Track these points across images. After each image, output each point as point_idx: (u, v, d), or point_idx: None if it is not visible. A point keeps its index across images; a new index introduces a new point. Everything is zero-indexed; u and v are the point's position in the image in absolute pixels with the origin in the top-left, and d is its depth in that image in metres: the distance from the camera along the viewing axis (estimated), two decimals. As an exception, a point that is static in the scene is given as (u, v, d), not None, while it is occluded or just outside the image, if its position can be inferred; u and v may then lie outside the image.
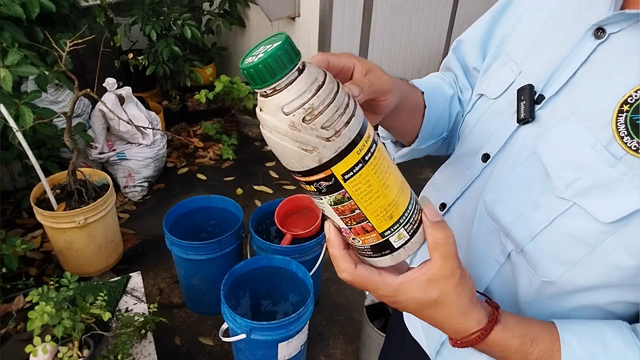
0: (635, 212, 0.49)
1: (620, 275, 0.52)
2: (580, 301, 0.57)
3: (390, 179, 0.47)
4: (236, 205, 2.01)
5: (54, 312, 1.11)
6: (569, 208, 0.53)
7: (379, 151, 0.46)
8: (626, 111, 0.50)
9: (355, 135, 0.44)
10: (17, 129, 1.72)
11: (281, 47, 0.41)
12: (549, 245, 0.55)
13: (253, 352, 1.56)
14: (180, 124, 3.39)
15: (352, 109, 0.44)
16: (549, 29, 0.62)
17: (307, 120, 0.42)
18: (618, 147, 0.50)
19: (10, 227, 2.38)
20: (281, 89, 0.42)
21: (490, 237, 0.63)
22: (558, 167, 0.54)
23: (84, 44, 1.74)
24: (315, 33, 3.00)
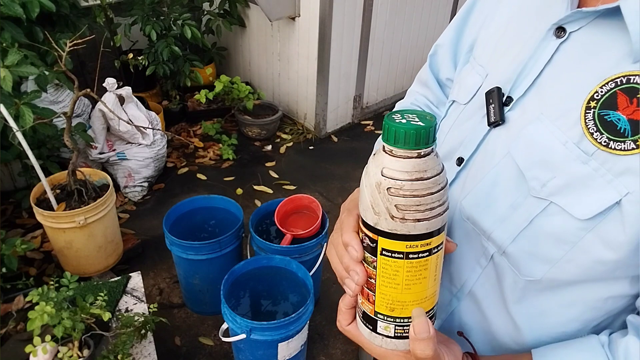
0: (610, 207, 0.49)
1: (603, 269, 0.53)
2: (569, 297, 0.57)
3: (417, 287, 0.50)
4: (236, 205, 2.01)
5: (54, 312, 1.11)
6: (546, 207, 0.54)
7: (426, 261, 0.48)
8: (593, 107, 0.50)
9: (416, 233, 0.47)
10: (17, 129, 1.72)
11: (433, 125, 0.44)
12: (529, 245, 0.56)
13: (253, 352, 1.56)
14: (180, 124, 3.39)
15: (433, 215, 0.46)
16: (511, 31, 0.63)
17: (390, 192, 0.45)
18: (589, 144, 0.51)
19: (10, 227, 2.38)
20: (398, 155, 0.46)
21: (471, 241, 0.63)
22: (532, 167, 0.55)
23: (84, 44, 1.74)
24: (315, 33, 3.00)
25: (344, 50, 3.16)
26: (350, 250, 0.53)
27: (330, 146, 3.38)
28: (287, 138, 3.40)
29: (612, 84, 0.49)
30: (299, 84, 3.35)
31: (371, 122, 3.65)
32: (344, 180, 2.99)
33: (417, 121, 0.45)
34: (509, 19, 0.65)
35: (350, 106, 3.52)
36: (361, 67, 3.37)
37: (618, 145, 0.49)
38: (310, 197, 1.98)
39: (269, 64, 3.51)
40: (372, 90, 3.63)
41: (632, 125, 0.48)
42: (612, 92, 0.49)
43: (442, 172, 0.47)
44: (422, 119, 0.46)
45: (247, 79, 3.70)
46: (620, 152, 0.49)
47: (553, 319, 0.60)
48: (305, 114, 3.44)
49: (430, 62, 0.85)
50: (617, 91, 0.49)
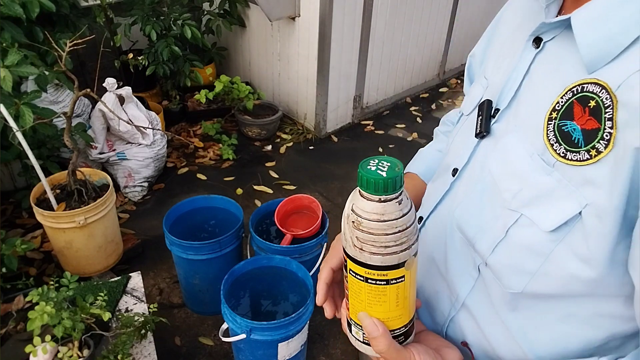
0: (572, 218, 0.49)
1: (581, 284, 0.52)
2: (560, 311, 0.56)
3: (378, 307, 0.56)
4: (236, 205, 2.01)
5: (54, 312, 1.11)
6: (518, 219, 0.54)
7: (384, 288, 0.54)
8: (554, 118, 0.51)
9: (372, 264, 0.53)
10: (17, 129, 1.72)
11: (395, 177, 0.50)
12: (506, 257, 0.57)
13: (253, 352, 1.56)
14: (180, 124, 3.39)
15: (388, 252, 0.52)
16: (509, 42, 0.65)
17: (354, 225, 0.52)
18: (550, 155, 0.51)
19: (10, 227, 2.38)
20: (364, 196, 0.52)
21: (463, 251, 0.64)
22: (505, 178, 0.56)
23: (84, 44, 1.74)
24: (315, 33, 3.00)
25: (344, 50, 3.16)
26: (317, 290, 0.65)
27: (330, 146, 3.38)
28: (287, 138, 3.40)
29: (570, 93, 0.50)
30: (299, 84, 3.35)
31: (371, 122, 3.65)
32: (344, 180, 2.99)
33: (384, 170, 0.51)
34: (510, 31, 0.66)
35: (350, 106, 3.52)
36: (361, 67, 3.37)
37: (574, 156, 0.49)
38: (310, 197, 1.98)
39: (269, 64, 3.51)
40: (372, 90, 3.63)
41: (585, 135, 0.48)
42: (569, 102, 0.50)
43: (401, 217, 0.51)
44: (390, 169, 0.51)
45: (247, 79, 3.70)
46: (576, 163, 0.49)
47: (549, 334, 0.59)
48: (305, 114, 3.44)
49: (467, 73, 0.87)
50: (574, 101, 0.49)
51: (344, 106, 3.46)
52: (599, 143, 0.47)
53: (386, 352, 0.56)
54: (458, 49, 4.28)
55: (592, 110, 0.47)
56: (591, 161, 0.47)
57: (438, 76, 4.27)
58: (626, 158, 0.45)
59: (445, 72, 4.31)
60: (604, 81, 0.47)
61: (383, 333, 0.55)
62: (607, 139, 0.46)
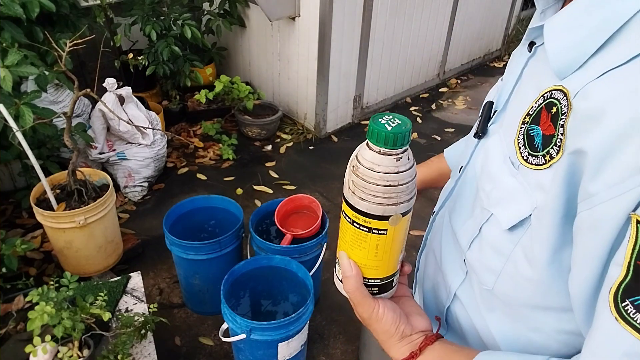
0: (524, 219, 0.52)
1: (532, 288, 0.54)
2: (532, 322, 0.58)
3: (358, 252, 0.60)
4: (236, 205, 2.01)
5: (54, 312, 1.11)
6: (489, 218, 0.57)
7: (366, 235, 0.58)
8: (526, 122, 0.53)
9: (358, 208, 0.56)
10: (17, 129, 1.72)
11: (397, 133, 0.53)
12: (478, 253, 0.60)
13: (253, 352, 1.56)
14: (180, 124, 3.39)
15: (374, 202, 0.55)
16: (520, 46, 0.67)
17: (352, 169, 0.56)
18: (516, 158, 0.54)
19: (10, 227, 2.38)
20: (367, 146, 0.55)
21: (455, 246, 0.67)
22: (482, 178, 0.59)
23: (84, 44, 1.74)
24: (315, 33, 3.00)
25: (344, 50, 3.16)
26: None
27: (330, 146, 3.38)
28: (287, 138, 3.40)
29: (542, 99, 0.51)
30: (299, 84, 3.35)
31: (371, 122, 3.65)
32: (344, 180, 2.98)
33: (392, 126, 0.53)
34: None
35: (350, 106, 3.52)
36: (361, 67, 3.37)
37: (533, 160, 0.51)
38: (310, 197, 1.98)
39: (269, 64, 3.51)
40: (372, 90, 3.63)
41: (543, 140, 0.49)
42: (540, 107, 0.51)
43: (396, 173, 0.54)
44: (397, 126, 0.53)
45: (247, 79, 3.70)
46: (534, 167, 0.51)
47: (522, 343, 0.60)
48: (305, 114, 3.44)
49: None
50: (543, 106, 0.51)
51: (344, 106, 3.46)
52: (552, 149, 0.48)
53: (352, 292, 0.60)
54: (458, 49, 4.28)
55: (552, 116, 0.49)
56: (545, 166, 0.49)
57: (438, 76, 4.27)
58: (563, 162, 0.46)
59: (445, 72, 4.30)
60: (567, 88, 0.48)
61: (355, 275, 0.59)
62: (559, 145, 0.47)
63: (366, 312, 0.61)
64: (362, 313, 0.62)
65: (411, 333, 0.62)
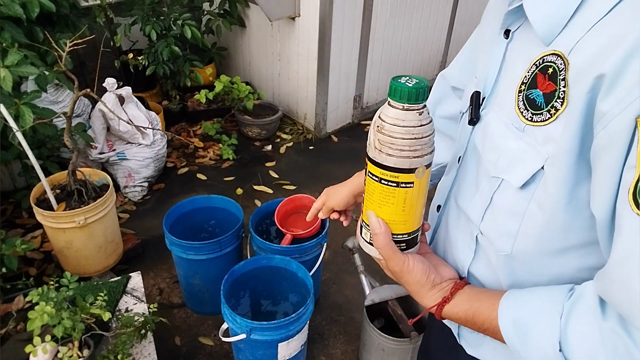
0: (536, 172, 0.57)
1: (552, 235, 0.59)
2: (550, 270, 0.63)
3: (386, 208, 0.64)
4: (236, 205, 2.01)
5: (54, 312, 1.11)
6: (500, 184, 0.63)
7: (394, 190, 0.62)
8: (523, 90, 0.59)
9: (387, 165, 0.61)
10: (17, 129, 1.72)
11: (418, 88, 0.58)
12: (494, 221, 0.65)
13: (253, 352, 1.56)
14: (180, 124, 3.39)
15: (402, 156, 0.60)
16: (485, 41, 0.74)
17: (377, 129, 0.62)
18: (520, 122, 0.59)
19: (10, 227, 2.38)
20: (390, 105, 0.61)
21: (463, 226, 0.73)
22: (486, 150, 0.65)
23: (84, 44, 1.74)
24: (315, 33, 3.00)
25: (344, 50, 3.16)
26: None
27: (331, 146, 3.38)
28: (287, 138, 3.40)
29: (534, 67, 0.58)
30: (299, 84, 3.35)
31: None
32: (344, 180, 2.98)
33: (412, 83, 0.59)
34: (485, 32, 0.75)
35: (350, 106, 3.52)
36: (361, 67, 3.37)
37: (538, 118, 0.57)
38: (310, 197, 1.98)
39: (269, 64, 3.51)
40: (372, 90, 3.63)
41: (545, 98, 0.56)
42: (534, 74, 0.58)
43: (419, 127, 0.59)
44: (417, 83, 0.59)
45: (247, 79, 3.70)
46: (540, 124, 0.56)
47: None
48: (305, 114, 3.44)
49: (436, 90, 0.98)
50: (537, 72, 0.57)
51: (344, 106, 3.46)
52: (556, 102, 0.54)
53: (383, 247, 0.65)
54: (458, 49, 4.25)
55: (551, 75, 0.55)
56: (551, 119, 0.55)
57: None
58: (580, 104, 0.52)
59: (445, 72, 4.30)
60: (558, 50, 0.55)
61: (385, 231, 0.65)
62: (562, 97, 0.54)
63: (397, 266, 0.67)
64: (394, 267, 0.67)
65: (441, 281, 0.69)
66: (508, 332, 0.60)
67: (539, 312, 0.58)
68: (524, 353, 0.59)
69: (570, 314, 0.55)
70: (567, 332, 0.55)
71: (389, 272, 0.71)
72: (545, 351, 0.56)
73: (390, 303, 1.70)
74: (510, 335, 0.60)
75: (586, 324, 0.54)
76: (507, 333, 0.61)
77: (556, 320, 0.56)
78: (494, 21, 0.71)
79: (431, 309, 0.68)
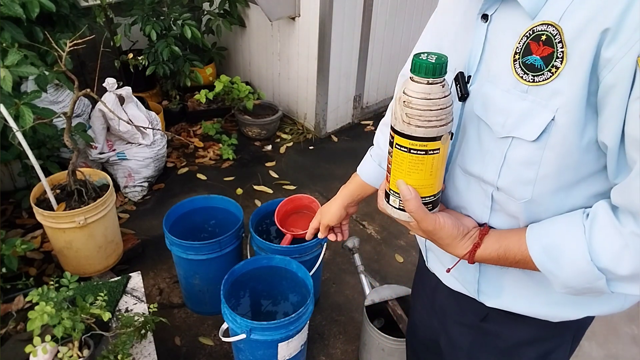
0: (549, 124, 0.64)
1: (568, 172, 0.67)
2: (565, 203, 0.71)
3: (416, 175, 0.71)
4: (236, 205, 2.01)
5: (54, 312, 1.11)
6: (511, 142, 0.69)
7: (423, 157, 0.69)
8: (517, 58, 0.67)
9: (416, 135, 0.67)
10: (17, 129, 1.72)
11: (441, 63, 0.65)
12: (511, 175, 0.72)
13: (253, 352, 1.56)
14: (180, 124, 3.39)
15: (430, 126, 0.67)
16: (461, 29, 0.79)
17: (404, 104, 0.67)
18: (522, 85, 0.67)
19: (10, 227, 2.38)
20: (415, 80, 0.67)
21: (474, 189, 0.79)
22: (491, 116, 0.71)
23: (84, 44, 1.74)
24: (315, 33, 3.00)
25: (344, 50, 3.16)
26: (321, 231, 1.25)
27: (331, 146, 3.38)
28: (287, 138, 3.40)
29: (524, 38, 0.66)
30: (299, 84, 3.35)
31: (371, 122, 3.65)
32: (344, 180, 2.96)
33: (433, 59, 0.65)
34: (457, 22, 0.81)
35: (350, 106, 3.52)
36: (361, 67, 3.37)
37: (540, 78, 0.65)
38: (310, 197, 1.98)
39: (269, 64, 3.51)
40: (372, 90, 3.63)
41: (544, 61, 0.64)
42: (526, 44, 0.66)
43: (443, 98, 0.66)
44: (437, 58, 0.65)
45: (247, 79, 3.70)
46: (543, 82, 0.64)
47: None
48: (305, 114, 3.44)
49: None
50: (529, 41, 0.66)
51: (344, 106, 3.46)
52: (556, 61, 0.63)
53: (415, 211, 0.73)
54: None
55: (545, 41, 0.64)
56: (553, 77, 0.63)
57: (438, 76, 4.27)
58: (585, 57, 0.60)
59: (445, 72, 4.30)
60: (547, 20, 0.63)
61: (415, 196, 0.72)
62: (561, 56, 0.62)
63: (430, 225, 0.75)
64: (427, 227, 0.75)
65: (468, 231, 0.78)
66: (540, 258, 0.70)
67: (564, 235, 0.68)
68: (558, 272, 0.68)
69: (592, 229, 0.65)
70: (593, 243, 0.65)
71: (420, 232, 0.78)
72: (579, 265, 0.66)
73: (390, 303, 1.70)
74: (542, 260, 0.70)
75: (608, 233, 0.64)
76: (539, 259, 0.70)
77: (581, 237, 0.66)
78: (461, 10, 0.79)
79: (464, 257, 0.77)
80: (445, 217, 0.76)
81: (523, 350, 0.91)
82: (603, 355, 1.99)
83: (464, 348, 1.00)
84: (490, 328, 0.93)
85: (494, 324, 0.92)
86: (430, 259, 1.00)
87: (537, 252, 0.70)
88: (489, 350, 0.95)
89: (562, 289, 0.70)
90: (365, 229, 2.59)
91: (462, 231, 0.77)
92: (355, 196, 1.17)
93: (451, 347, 1.04)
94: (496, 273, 0.83)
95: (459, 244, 0.77)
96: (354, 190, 1.16)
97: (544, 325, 0.85)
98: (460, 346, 1.01)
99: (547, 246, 0.69)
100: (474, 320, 0.94)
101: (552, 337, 0.89)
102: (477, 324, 0.94)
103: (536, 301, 0.81)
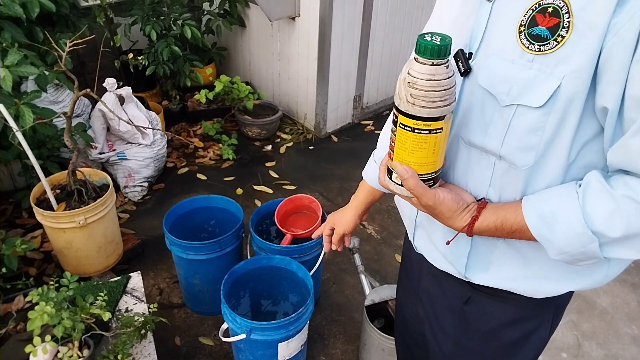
0: (555, 91, 0.67)
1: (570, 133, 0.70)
2: (560, 171, 0.73)
3: (418, 153, 0.73)
4: (236, 205, 2.01)
5: (54, 312, 1.11)
6: (516, 110, 0.71)
7: (426, 137, 0.71)
8: (523, 30, 0.70)
9: (420, 116, 0.69)
10: (17, 129, 1.72)
11: (445, 45, 0.66)
12: (515, 142, 0.73)
13: (253, 352, 1.56)
14: (180, 124, 3.39)
15: (434, 106, 0.68)
16: (466, 9, 0.80)
17: (409, 85, 0.68)
18: (527, 54, 0.69)
19: (10, 227, 2.38)
20: (419, 61, 0.68)
21: (475, 161, 0.81)
22: (495, 85, 0.73)
23: (84, 44, 1.74)
24: (315, 33, 3.00)
25: (344, 50, 3.16)
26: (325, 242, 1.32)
27: (331, 146, 3.38)
28: (287, 138, 3.40)
29: (530, 11, 0.69)
30: (299, 84, 3.35)
31: (371, 122, 3.65)
32: (344, 180, 2.99)
33: (437, 40, 0.66)
34: (456, 5, 0.83)
35: (350, 106, 3.52)
36: (361, 67, 3.37)
37: (546, 47, 0.67)
38: (310, 197, 1.98)
39: (269, 64, 3.51)
40: (372, 90, 3.63)
41: (550, 31, 0.67)
42: (531, 16, 0.69)
43: (447, 79, 0.67)
44: (442, 40, 0.66)
45: (247, 79, 3.70)
46: (549, 51, 0.67)
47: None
48: (305, 114, 3.44)
49: None
50: (535, 14, 0.68)
51: (344, 106, 3.46)
52: (562, 31, 0.65)
53: (414, 188, 0.76)
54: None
55: (552, 13, 0.66)
56: (559, 45, 0.66)
57: (438, 76, 4.26)
58: (596, 26, 0.62)
59: (445, 72, 4.30)
60: None
61: (412, 174, 0.75)
62: (567, 26, 0.65)
63: (431, 200, 0.77)
64: (428, 201, 0.77)
65: (467, 205, 0.80)
66: (536, 225, 0.73)
67: (559, 202, 0.71)
68: (553, 238, 0.72)
69: (585, 195, 0.69)
70: (586, 207, 0.68)
71: (421, 207, 0.81)
72: (574, 229, 0.69)
73: (390, 303, 1.70)
74: (538, 227, 0.73)
75: (601, 198, 0.67)
76: (535, 226, 0.73)
77: (575, 203, 0.69)
78: None
79: (463, 230, 0.80)
80: (444, 192, 0.78)
81: (506, 331, 0.93)
82: (603, 355, 1.99)
83: (448, 333, 1.02)
84: (474, 310, 0.95)
85: (476, 305, 0.94)
86: (418, 237, 1.01)
87: (533, 219, 0.73)
88: (473, 333, 0.97)
89: (557, 255, 0.73)
90: (365, 229, 2.59)
91: (461, 205, 0.79)
92: (368, 203, 1.20)
93: (436, 334, 1.06)
94: (487, 247, 0.86)
95: (458, 217, 0.79)
96: (364, 198, 1.19)
97: (525, 305, 0.89)
98: (444, 331, 1.03)
99: (543, 213, 0.72)
100: (457, 303, 0.97)
101: (533, 317, 0.92)
102: (461, 306, 0.96)
103: (520, 275, 0.84)
